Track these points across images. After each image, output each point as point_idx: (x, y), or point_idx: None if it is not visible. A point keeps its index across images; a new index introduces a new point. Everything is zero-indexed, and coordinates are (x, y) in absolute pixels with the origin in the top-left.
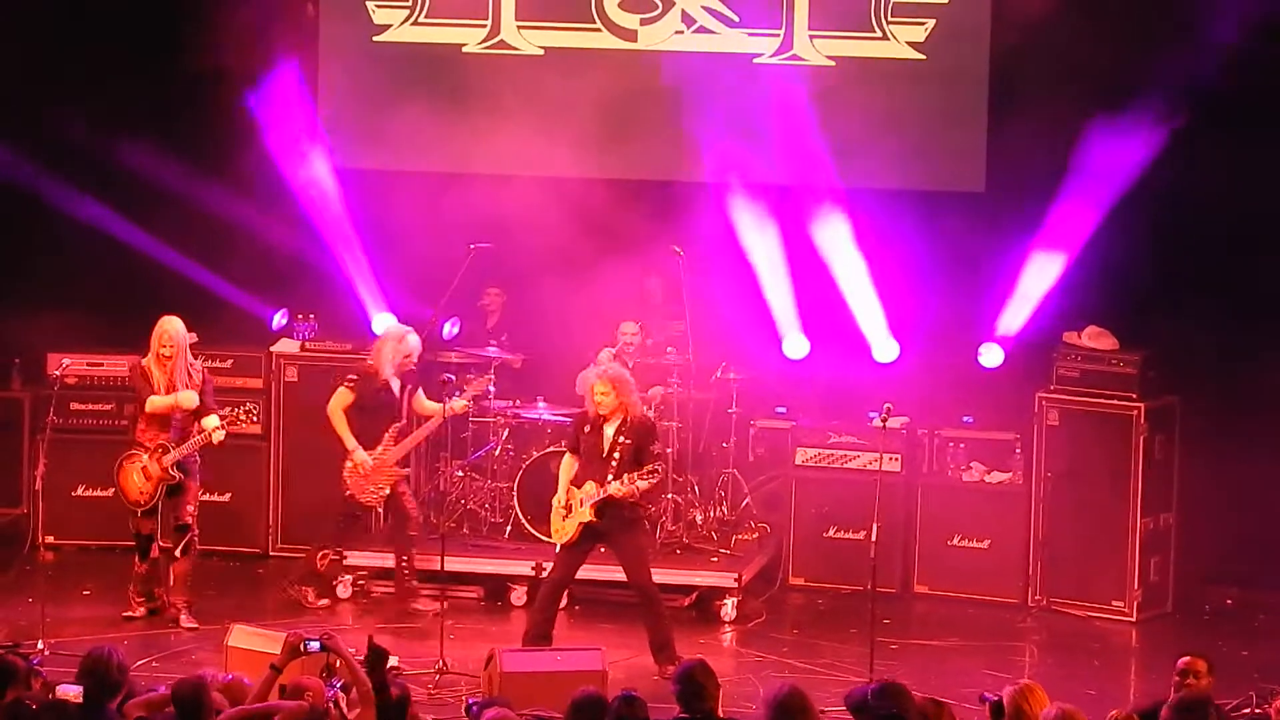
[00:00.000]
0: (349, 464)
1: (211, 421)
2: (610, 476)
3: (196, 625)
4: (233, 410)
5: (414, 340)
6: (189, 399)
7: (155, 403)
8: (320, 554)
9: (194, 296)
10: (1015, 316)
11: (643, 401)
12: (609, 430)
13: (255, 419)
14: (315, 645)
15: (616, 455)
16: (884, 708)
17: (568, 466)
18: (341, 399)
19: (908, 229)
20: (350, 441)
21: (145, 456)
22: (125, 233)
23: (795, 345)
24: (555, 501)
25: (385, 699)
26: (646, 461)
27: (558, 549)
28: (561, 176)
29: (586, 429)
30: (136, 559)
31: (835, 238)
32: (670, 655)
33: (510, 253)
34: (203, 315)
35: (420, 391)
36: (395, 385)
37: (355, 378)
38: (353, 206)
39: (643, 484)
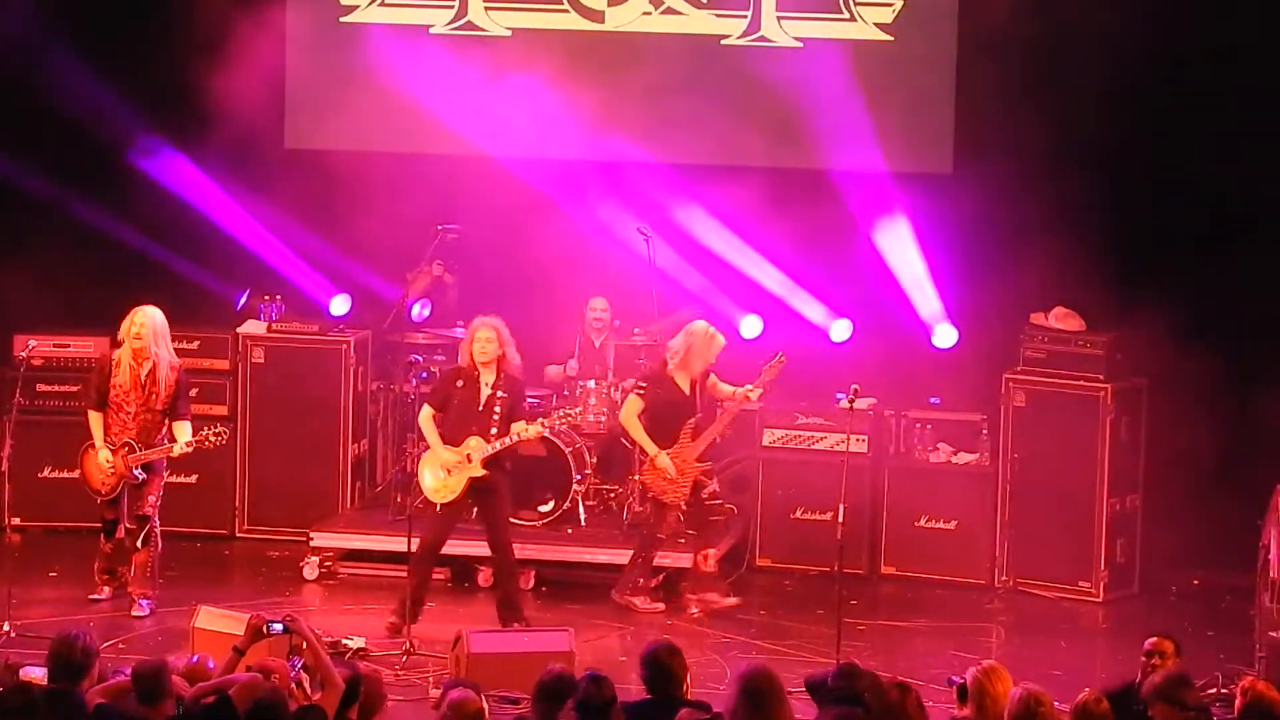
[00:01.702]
0: (647, 466)
1: (183, 432)
2: (494, 429)
3: (146, 614)
4: (204, 431)
5: (722, 340)
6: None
7: (91, 420)
8: (701, 555)
9: (159, 277)
10: (982, 298)
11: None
12: (485, 384)
13: (223, 439)
14: (278, 627)
15: (496, 409)
16: (842, 688)
17: (431, 422)
18: (633, 407)
19: (874, 210)
20: (651, 447)
21: (109, 451)
22: (91, 214)
23: (750, 326)
24: (429, 460)
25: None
26: (520, 416)
27: (438, 508)
28: (527, 157)
29: (459, 383)
30: (102, 538)
31: (801, 219)
32: (514, 615)
33: (476, 233)
34: (168, 296)
35: (714, 375)
36: (685, 382)
37: (645, 384)
38: (318, 186)
39: (561, 426)
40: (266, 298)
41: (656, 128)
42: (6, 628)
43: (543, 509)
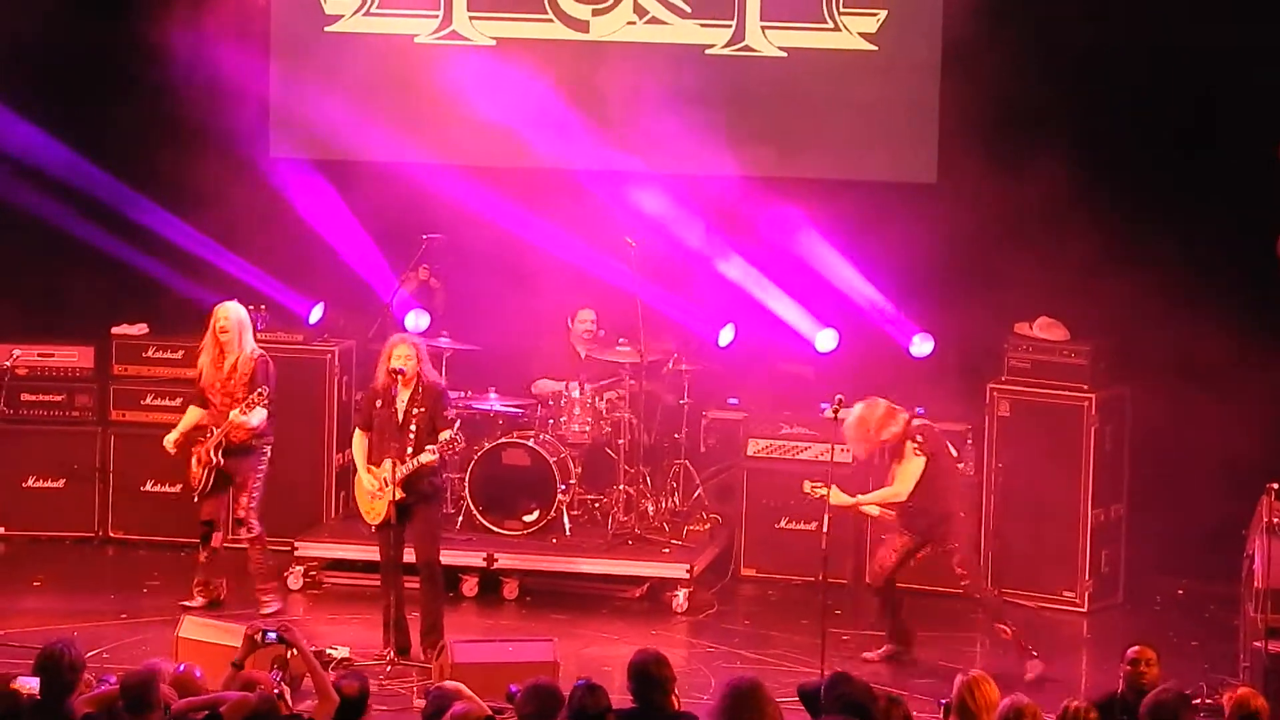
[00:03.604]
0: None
1: (235, 414)
2: (410, 449)
3: (276, 609)
4: (255, 395)
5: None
6: (169, 440)
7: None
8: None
9: (144, 287)
10: (966, 307)
11: None
12: (401, 401)
13: (264, 398)
14: (273, 637)
15: (413, 427)
16: (840, 696)
17: (362, 445)
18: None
19: (859, 220)
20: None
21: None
22: (78, 221)
23: (725, 334)
24: (359, 483)
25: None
26: (442, 427)
27: (373, 530)
28: (513, 167)
29: (378, 403)
30: (200, 546)
31: (786, 229)
32: (435, 640)
33: (461, 243)
34: (152, 306)
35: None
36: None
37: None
38: (303, 197)
39: (448, 452)
40: (251, 307)
41: (641, 137)
42: None
43: (527, 519)
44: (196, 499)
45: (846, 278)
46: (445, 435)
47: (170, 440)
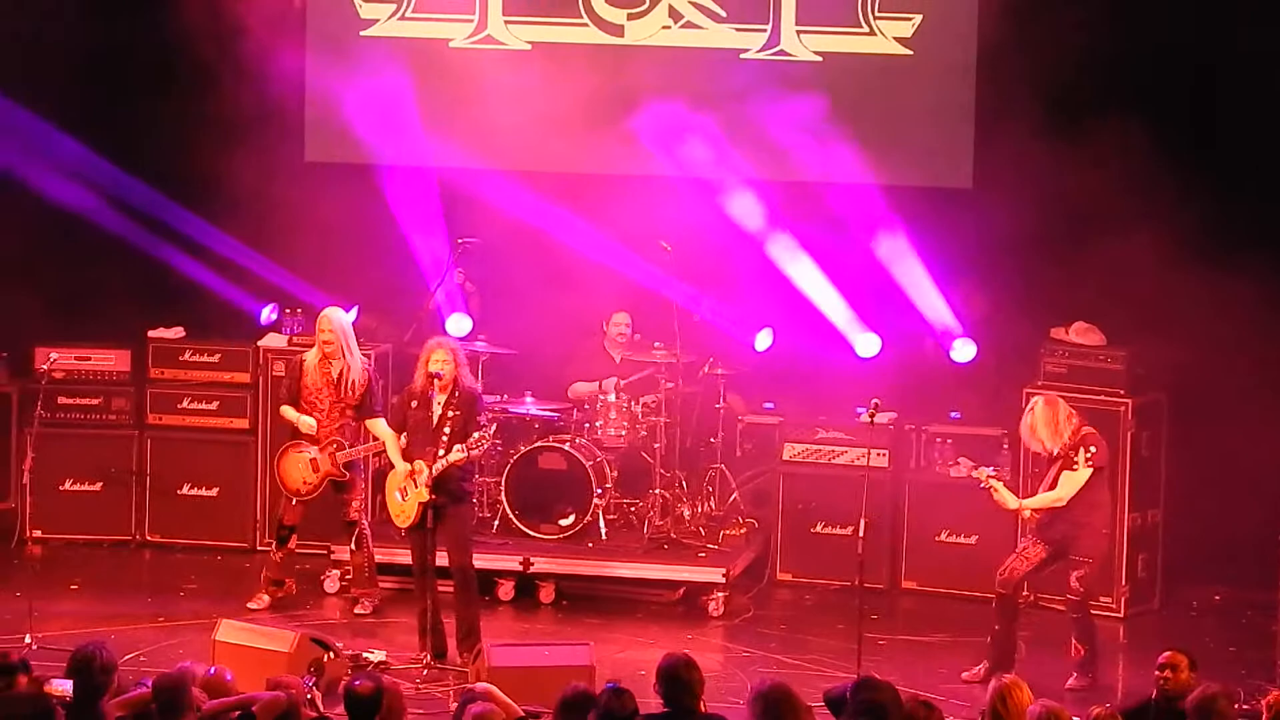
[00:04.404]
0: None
1: (381, 428)
2: (441, 451)
3: (368, 612)
4: (478, 435)
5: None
6: (308, 425)
7: (286, 413)
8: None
9: (182, 290)
10: (1002, 312)
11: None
12: (438, 404)
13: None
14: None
15: (447, 429)
16: (865, 700)
17: (395, 444)
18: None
19: (895, 225)
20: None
21: (315, 449)
22: (115, 224)
23: (762, 339)
24: (388, 486)
25: None
26: (474, 432)
27: (404, 533)
28: (547, 171)
29: (414, 404)
30: (274, 546)
31: (822, 233)
32: (472, 644)
33: (496, 246)
34: (191, 309)
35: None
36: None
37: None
38: (338, 201)
39: (475, 451)
40: (288, 311)
41: (676, 142)
42: (28, 640)
43: (563, 523)
44: (295, 502)
45: (887, 280)
46: (475, 435)
47: (310, 424)
